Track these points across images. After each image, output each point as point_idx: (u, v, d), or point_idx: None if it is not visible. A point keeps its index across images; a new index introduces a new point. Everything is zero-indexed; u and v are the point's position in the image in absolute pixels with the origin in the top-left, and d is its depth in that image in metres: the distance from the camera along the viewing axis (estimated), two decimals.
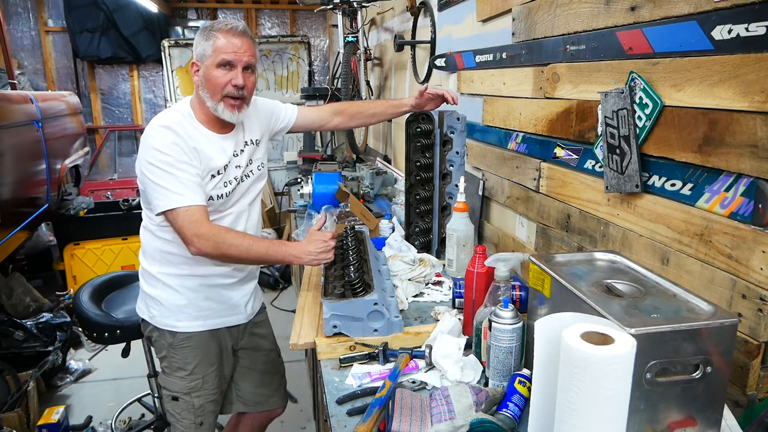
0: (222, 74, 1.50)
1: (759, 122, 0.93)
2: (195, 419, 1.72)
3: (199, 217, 1.46)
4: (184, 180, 1.46)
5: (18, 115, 3.19)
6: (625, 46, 1.24)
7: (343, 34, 3.49)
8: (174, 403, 1.72)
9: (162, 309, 1.65)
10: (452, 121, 1.90)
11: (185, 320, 1.65)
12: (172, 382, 1.70)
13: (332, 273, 1.55)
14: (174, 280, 1.62)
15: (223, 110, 1.53)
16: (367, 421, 1.02)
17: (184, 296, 1.63)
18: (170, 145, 1.47)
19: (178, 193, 1.45)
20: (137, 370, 2.80)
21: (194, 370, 1.68)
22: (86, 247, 4.00)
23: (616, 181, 1.28)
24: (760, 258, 0.95)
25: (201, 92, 1.54)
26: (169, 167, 1.46)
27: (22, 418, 2.56)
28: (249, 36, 1.54)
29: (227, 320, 1.73)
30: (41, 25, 6.07)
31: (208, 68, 1.51)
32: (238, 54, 1.50)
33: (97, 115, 6.41)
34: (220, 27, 1.51)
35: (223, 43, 1.49)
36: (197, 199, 1.48)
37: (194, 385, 1.69)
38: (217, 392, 1.75)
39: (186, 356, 1.67)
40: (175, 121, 1.52)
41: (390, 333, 1.36)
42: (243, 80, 1.51)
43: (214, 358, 1.72)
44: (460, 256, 1.78)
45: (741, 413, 0.98)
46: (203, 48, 1.51)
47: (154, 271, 1.64)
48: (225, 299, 1.69)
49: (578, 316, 0.86)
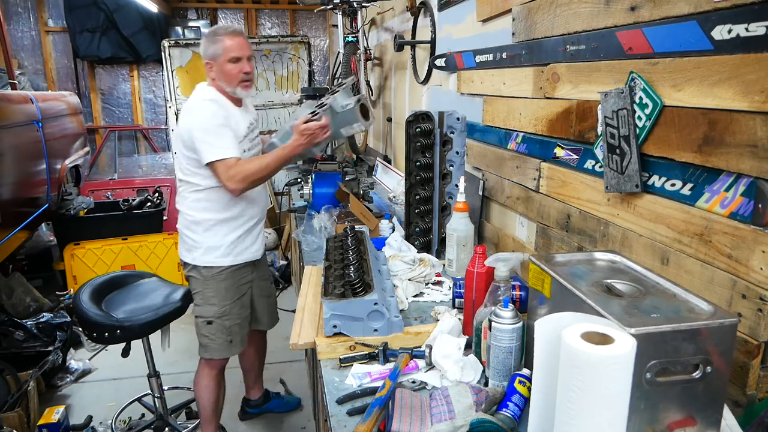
0: (234, 67, 2.03)
1: (759, 122, 0.93)
2: (226, 338, 2.20)
3: (233, 163, 1.95)
4: (226, 138, 1.97)
5: (18, 115, 3.19)
6: (625, 46, 1.24)
7: (343, 34, 3.48)
8: (209, 326, 2.18)
9: (202, 250, 2.13)
10: (452, 121, 1.90)
11: (220, 257, 2.13)
12: (207, 309, 2.17)
13: (332, 273, 1.55)
14: (214, 224, 2.10)
15: (241, 91, 2.08)
16: (367, 421, 1.02)
17: (221, 237, 2.12)
18: (216, 113, 1.99)
19: (223, 147, 1.96)
20: (137, 370, 2.80)
21: (224, 298, 2.16)
22: (86, 247, 4.00)
23: (616, 181, 1.28)
24: (760, 258, 0.95)
25: (219, 83, 2.07)
26: (217, 128, 1.97)
27: (22, 417, 2.56)
28: (242, 33, 2.09)
29: (250, 255, 2.22)
30: (41, 25, 6.07)
31: (221, 65, 2.03)
32: (242, 50, 2.04)
33: (97, 115, 6.42)
34: (223, 32, 2.04)
35: (230, 44, 2.02)
36: (233, 152, 1.97)
37: (224, 310, 2.17)
38: (240, 318, 2.24)
39: (218, 287, 2.15)
40: (213, 97, 2.05)
41: (390, 333, 1.36)
42: (250, 67, 2.07)
43: (236, 289, 2.20)
44: (460, 256, 1.78)
45: (741, 413, 0.99)
46: (214, 50, 2.02)
47: (199, 218, 2.11)
48: (247, 239, 2.18)
49: (578, 316, 0.87)
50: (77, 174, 4.40)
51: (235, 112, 2.10)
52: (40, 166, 3.44)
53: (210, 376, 2.28)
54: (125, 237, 4.05)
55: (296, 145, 2.00)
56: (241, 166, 1.96)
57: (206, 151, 1.95)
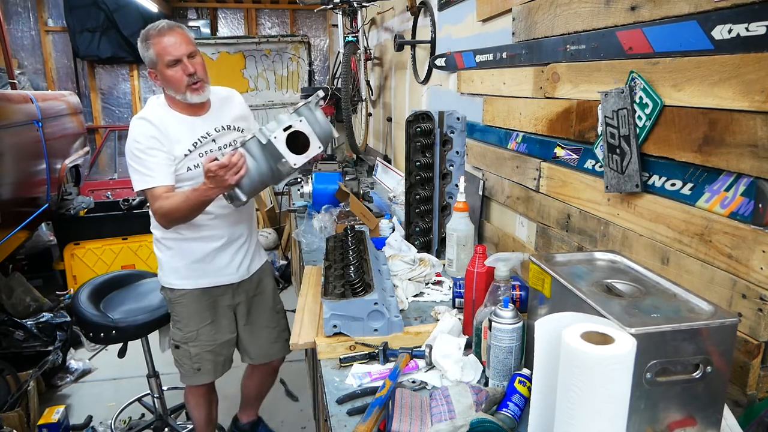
0: (175, 71, 1.76)
1: (759, 122, 0.93)
2: (192, 365, 2.03)
3: (158, 194, 1.76)
4: (153, 163, 1.76)
5: (18, 115, 3.19)
6: (625, 46, 1.24)
7: (343, 33, 3.48)
8: (176, 350, 2.03)
9: (164, 269, 1.98)
10: (452, 120, 1.90)
11: (179, 279, 1.96)
12: (174, 332, 2.02)
13: (332, 273, 1.55)
14: (173, 243, 1.93)
15: (191, 96, 1.80)
16: (367, 421, 1.02)
17: (180, 257, 1.94)
18: (143, 134, 1.77)
19: (147, 175, 1.77)
20: (137, 370, 2.80)
21: (189, 323, 1.99)
22: (86, 247, 4.00)
23: (616, 180, 1.28)
24: (760, 258, 0.95)
25: (168, 91, 1.83)
26: (140, 153, 1.76)
27: (22, 417, 2.56)
28: (176, 28, 1.78)
29: (217, 280, 2.00)
30: (41, 25, 6.07)
31: (161, 72, 1.78)
32: (177, 49, 1.75)
33: (97, 114, 6.41)
34: (152, 33, 1.76)
35: (163, 45, 1.74)
36: (161, 180, 1.77)
37: (189, 336, 2.00)
38: (214, 344, 2.03)
39: (181, 311, 1.99)
40: (150, 111, 1.83)
41: (390, 333, 1.36)
42: (192, 67, 1.77)
43: (207, 314, 2.01)
44: (460, 256, 1.78)
45: (741, 413, 0.98)
46: (149, 57, 1.78)
47: (158, 236, 1.95)
48: (214, 261, 1.97)
49: (578, 316, 0.86)
50: (77, 174, 4.40)
51: (177, 127, 1.81)
52: (40, 165, 3.44)
53: (197, 395, 2.16)
54: (125, 237, 4.05)
55: (204, 189, 1.67)
56: (165, 201, 1.74)
57: (133, 179, 1.79)
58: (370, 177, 3.68)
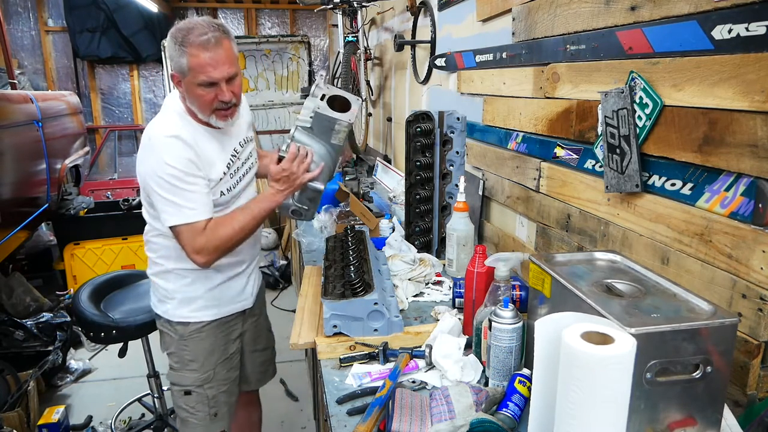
0: (206, 92, 1.46)
1: (759, 122, 0.93)
2: (210, 410, 1.74)
3: (200, 227, 1.49)
4: (194, 193, 1.48)
5: (18, 115, 3.19)
6: (625, 46, 1.24)
7: (343, 33, 3.48)
8: (187, 397, 1.72)
9: (175, 302, 1.67)
10: (452, 120, 1.90)
11: (199, 310, 1.67)
12: (184, 376, 1.71)
13: (332, 273, 1.55)
14: (189, 273, 1.64)
15: (216, 121, 1.53)
16: (367, 421, 1.02)
17: (199, 287, 1.66)
18: (179, 157, 1.45)
19: (188, 208, 1.47)
20: (137, 370, 2.80)
21: (206, 361, 1.70)
22: (86, 247, 4.00)
23: (616, 180, 1.28)
24: (760, 257, 0.95)
25: (190, 104, 1.52)
26: (178, 182, 1.45)
27: (23, 417, 2.56)
28: (224, 41, 1.45)
29: (237, 306, 1.76)
30: (41, 25, 6.07)
31: (189, 86, 1.46)
32: (217, 70, 1.43)
33: (97, 114, 6.41)
34: (192, 41, 1.42)
35: (200, 62, 1.42)
36: (205, 212, 1.50)
37: (207, 376, 1.71)
38: (228, 382, 1.78)
39: (197, 347, 1.69)
40: (179, 126, 1.50)
41: (390, 333, 1.36)
42: (229, 94, 1.48)
43: (223, 347, 1.74)
44: (460, 256, 1.78)
45: (741, 413, 0.98)
46: (179, 63, 1.44)
47: (169, 267, 1.64)
48: (231, 287, 1.72)
49: (578, 316, 0.86)
50: (77, 174, 4.40)
51: (209, 145, 1.55)
52: (40, 165, 3.44)
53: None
54: (125, 237, 4.05)
55: (273, 193, 1.57)
56: (213, 234, 1.50)
57: (166, 211, 1.48)
58: (370, 177, 3.68)
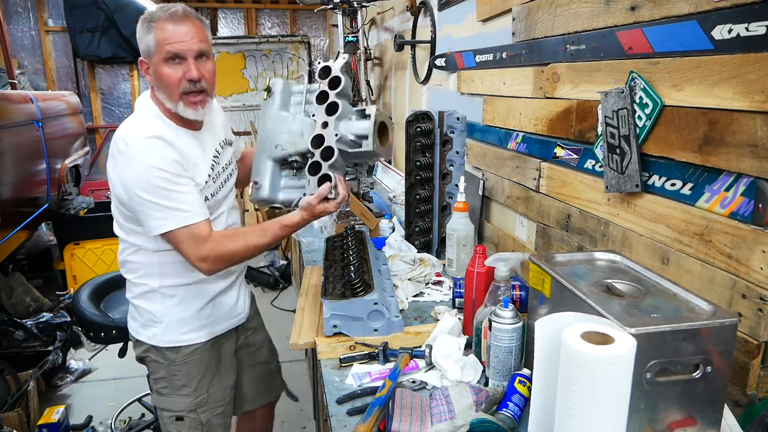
0: (173, 70, 1.35)
1: (759, 122, 0.93)
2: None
3: (203, 233, 1.39)
4: (184, 196, 1.37)
5: (18, 115, 3.19)
6: (625, 46, 1.24)
7: (343, 34, 3.49)
8: (179, 423, 1.60)
9: (163, 325, 1.54)
10: (452, 120, 1.90)
11: (190, 332, 1.56)
12: (175, 401, 1.59)
13: (332, 273, 1.55)
14: (177, 291, 1.52)
15: (185, 109, 1.40)
16: (367, 421, 1.02)
17: (188, 306, 1.54)
18: (163, 159, 1.35)
19: (182, 210, 1.36)
20: (137, 370, 2.78)
21: (199, 384, 1.59)
22: (86, 247, 4.00)
23: (616, 180, 1.28)
24: (760, 258, 0.95)
25: (158, 93, 1.41)
26: (168, 184, 1.34)
27: (22, 417, 2.56)
28: (194, 17, 1.38)
29: (231, 322, 1.67)
30: (41, 25, 6.07)
31: (157, 66, 1.36)
32: (185, 42, 1.33)
33: (97, 114, 6.41)
34: (158, 16, 1.34)
35: (166, 34, 1.33)
36: (201, 214, 1.40)
37: (200, 400, 1.60)
38: (223, 403, 1.67)
39: (190, 371, 1.58)
40: (158, 126, 1.40)
41: (390, 333, 1.36)
42: (197, 71, 1.36)
43: (216, 368, 1.64)
44: (460, 256, 1.78)
45: (741, 413, 0.98)
46: (146, 43, 1.35)
47: (154, 286, 1.51)
48: (226, 302, 1.63)
49: (578, 316, 0.87)
50: (77, 174, 4.40)
51: (190, 147, 1.44)
52: (40, 165, 3.43)
53: None
54: None
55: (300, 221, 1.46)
56: (219, 243, 1.39)
57: (157, 218, 1.35)
58: (370, 177, 3.67)
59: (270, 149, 1.52)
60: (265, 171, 1.52)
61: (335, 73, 1.45)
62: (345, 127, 1.43)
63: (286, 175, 1.55)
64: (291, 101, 1.57)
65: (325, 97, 1.45)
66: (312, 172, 1.44)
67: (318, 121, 1.45)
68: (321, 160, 1.43)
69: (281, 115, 1.52)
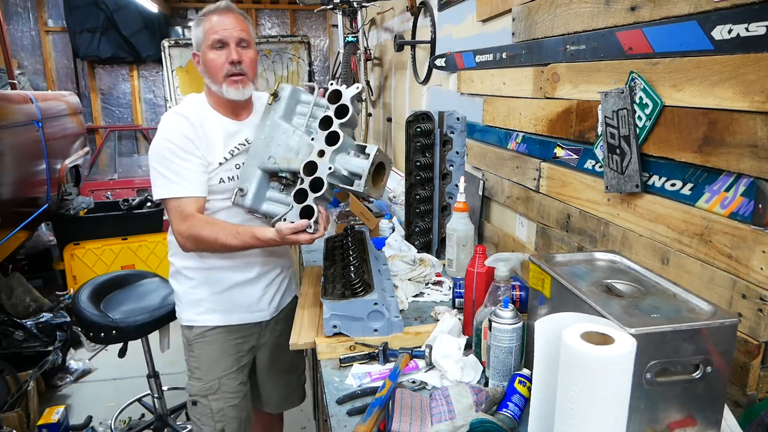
0: (217, 56, 1.50)
1: (759, 122, 0.93)
2: (215, 425, 1.66)
3: (187, 209, 1.48)
4: (182, 169, 1.48)
5: (18, 115, 3.19)
6: (625, 46, 1.24)
7: (343, 34, 3.49)
8: (194, 408, 1.67)
9: (181, 304, 1.66)
10: (452, 121, 1.90)
11: (203, 314, 1.64)
12: (191, 384, 1.68)
13: (332, 273, 1.55)
14: (195, 273, 1.62)
15: (228, 89, 1.52)
16: (367, 421, 1.02)
17: (204, 289, 1.63)
18: (176, 133, 1.48)
19: (174, 182, 1.48)
20: (137, 370, 2.80)
21: (209, 369, 1.65)
22: (86, 247, 4.00)
23: (616, 181, 1.28)
24: (760, 258, 0.95)
25: (207, 81, 1.56)
26: (172, 155, 1.47)
27: (22, 418, 2.56)
28: (237, 11, 1.55)
29: (250, 316, 1.70)
30: (41, 25, 6.07)
31: (204, 54, 1.52)
32: (228, 30, 1.50)
33: (97, 115, 6.41)
34: (207, 10, 1.53)
35: (212, 24, 1.50)
36: (191, 189, 1.49)
37: (210, 386, 1.65)
38: (238, 397, 1.69)
39: (200, 354, 1.65)
40: (188, 106, 1.55)
41: (390, 333, 1.36)
42: (237, 54, 1.50)
43: (231, 358, 1.67)
44: (460, 256, 1.78)
45: (741, 413, 0.98)
46: (197, 35, 1.54)
47: (178, 266, 1.65)
48: (243, 295, 1.66)
49: (578, 316, 0.86)
50: (77, 174, 4.40)
51: (215, 129, 1.54)
52: (40, 166, 3.44)
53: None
54: (125, 237, 4.05)
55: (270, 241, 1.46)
56: (196, 224, 1.46)
57: (156, 185, 1.50)
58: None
59: (262, 158, 1.51)
60: (252, 179, 1.52)
61: (344, 101, 1.43)
62: (341, 161, 1.42)
63: (274, 188, 1.55)
64: (296, 110, 1.56)
65: (329, 123, 1.43)
66: (297, 199, 1.43)
67: (315, 147, 1.44)
68: (309, 190, 1.41)
69: (282, 125, 1.52)
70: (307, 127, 1.52)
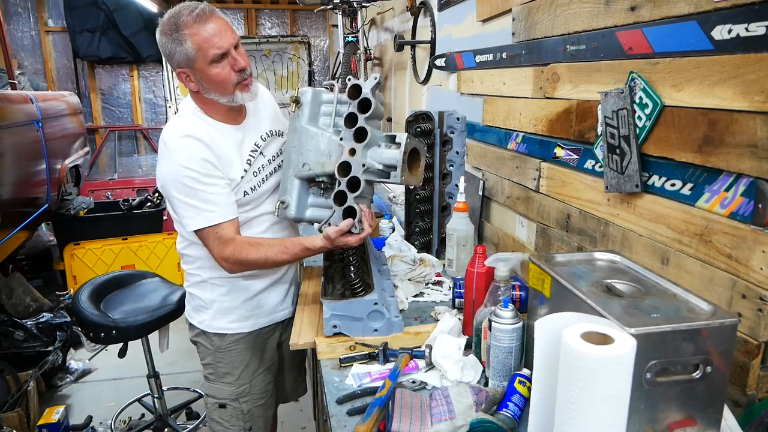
0: (221, 68, 1.39)
1: (759, 122, 0.93)
2: (244, 425, 1.69)
3: (226, 234, 1.44)
4: (211, 195, 1.43)
5: (18, 115, 3.19)
6: (625, 46, 1.24)
7: (343, 34, 3.49)
8: (222, 410, 1.68)
9: (212, 312, 1.63)
10: (452, 121, 1.90)
11: (236, 321, 1.64)
12: (219, 388, 1.67)
13: (332, 273, 1.55)
14: (226, 282, 1.60)
15: (242, 96, 1.46)
16: (367, 421, 1.02)
17: (236, 296, 1.62)
18: (193, 158, 1.40)
19: (207, 210, 1.42)
20: (137, 370, 2.80)
21: (242, 374, 1.66)
22: (86, 247, 4.00)
23: (616, 181, 1.28)
24: (760, 258, 0.95)
25: (207, 95, 1.45)
26: (196, 183, 1.41)
27: (22, 418, 2.56)
28: (215, 11, 1.41)
29: (277, 316, 1.72)
30: (41, 25, 6.07)
31: (204, 71, 1.39)
32: (223, 39, 1.37)
33: (97, 115, 6.42)
34: (186, 22, 1.35)
35: (204, 37, 1.35)
36: (226, 214, 1.45)
37: (242, 390, 1.67)
38: (265, 396, 1.73)
39: (233, 360, 1.65)
40: (193, 125, 1.46)
41: (390, 333, 1.36)
42: (243, 61, 1.43)
43: (260, 360, 1.71)
44: (460, 256, 1.78)
45: (741, 413, 0.98)
46: (182, 53, 1.37)
47: (205, 276, 1.60)
48: (268, 298, 1.68)
49: (578, 316, 0.87)
50: (77, 174, 4.40)
51: (226, 143, 1.48)
52: (40, 166, 3.44)
53: None
54: (125, 237, 4.05)
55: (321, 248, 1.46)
56: (240, 248, 1.44)
57: (186, 216, 1.44)
58: None
59: (297, 167, 1.50)
60: (292, 190, 1.51)
61: (365, 94, 1.39)
62: (373, 155, 1.38)
63: (314, 193, 1.54)
64: (320, 111, 1.54)
65: (354, 120, 1.41)
66: (338, 202, 1.41)
67: (345, 146, 1.41)
68: (347, 190, 1.39)
69: (309, 130, 1.49)
70: (335, 126, 1.49)
